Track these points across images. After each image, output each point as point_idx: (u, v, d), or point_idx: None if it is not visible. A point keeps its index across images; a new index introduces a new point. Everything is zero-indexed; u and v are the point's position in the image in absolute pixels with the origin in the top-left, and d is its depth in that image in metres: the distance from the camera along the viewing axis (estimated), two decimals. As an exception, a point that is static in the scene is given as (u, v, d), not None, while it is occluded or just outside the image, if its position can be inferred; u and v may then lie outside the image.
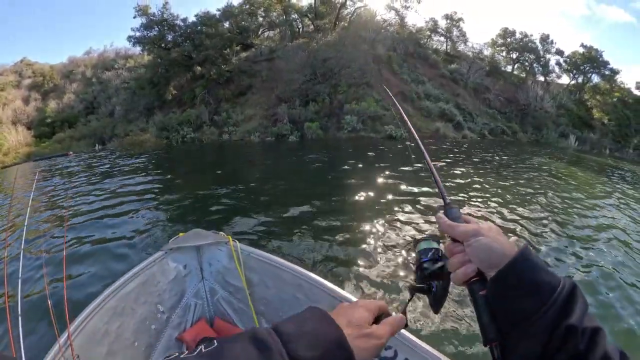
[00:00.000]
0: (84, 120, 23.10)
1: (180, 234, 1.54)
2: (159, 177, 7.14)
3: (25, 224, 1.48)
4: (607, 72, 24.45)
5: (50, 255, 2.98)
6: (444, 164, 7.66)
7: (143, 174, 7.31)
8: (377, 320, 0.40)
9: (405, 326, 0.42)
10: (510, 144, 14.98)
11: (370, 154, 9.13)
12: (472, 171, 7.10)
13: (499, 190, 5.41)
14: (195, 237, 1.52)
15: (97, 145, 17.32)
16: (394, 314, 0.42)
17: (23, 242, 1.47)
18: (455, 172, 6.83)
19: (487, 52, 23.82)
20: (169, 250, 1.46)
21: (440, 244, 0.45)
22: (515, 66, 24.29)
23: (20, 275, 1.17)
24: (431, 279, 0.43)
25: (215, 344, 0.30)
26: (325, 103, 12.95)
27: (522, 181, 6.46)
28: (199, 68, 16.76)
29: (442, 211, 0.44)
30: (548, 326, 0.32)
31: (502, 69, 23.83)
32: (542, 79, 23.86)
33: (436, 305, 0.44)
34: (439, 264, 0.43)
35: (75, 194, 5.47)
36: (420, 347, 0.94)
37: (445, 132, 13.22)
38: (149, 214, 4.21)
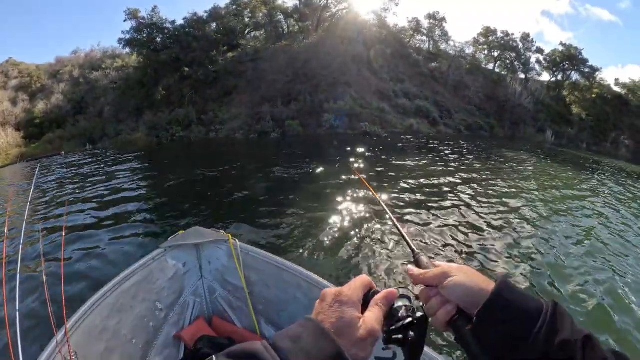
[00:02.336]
0: (73, 120, 23.88)
1: (180, 232, 1.56)
2: (153, 174, 7.33)
3: (25, 218, 1.49)
4: (586, 70, 25.99)
5: (48, 251, 3.01)
6: (412, 160, 8.56)
7: (137, 171, 7.49)
8: (365, 298, 0.39)
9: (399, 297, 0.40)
10: (485, 138, 16.31)
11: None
12: (428, 163, 8.11)
13: (450, 178, 6.27)
14: (195, 235, 1.54)
15: (88, 145, 18.18)
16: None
17: (22, 236, 1.43)
18: (409, 163, 7.90)
19: (469, 50, 25.28)
20: (168, 248, 1.48)
21: (411, 300, 0.44)
22: (497, 64, 25.75)
23: (18, 270, 1.19)
24: (407, 330, 0.41)
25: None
26: (306, 102, 14.15)
27: (473, 172, 7.41)
28: (186, 69, 17.83)
29: (411, 265, 0.47)
30: (541, 347, 0.34)
31: (483, 66, 25.27)
32: (522, 76, 25.35)
33: (413, 357, 0.41)
34: (416, 315, 0.41)
35: (73, 191, 5.58)
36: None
37: (419, 128, 14.50)
38: (147, 211, 4.32)
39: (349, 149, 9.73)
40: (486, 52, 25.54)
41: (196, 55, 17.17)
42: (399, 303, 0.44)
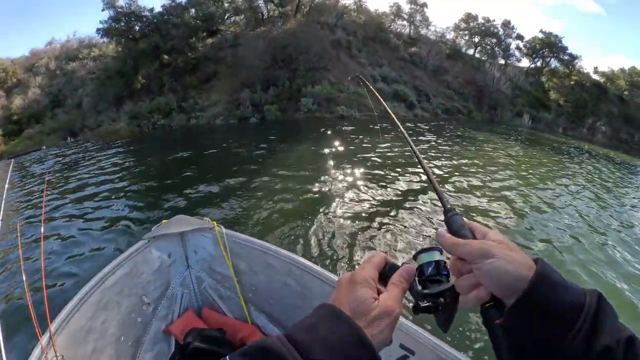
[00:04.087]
0: (51, 114, 23.61)
1: (164, 221, 1.51)
2: (135, 164, 7.26)
3: (0, 218, 1.46)
4: (565, 57, 27.05)
5: (27, 249, 2.88)
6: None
7: (118, 162, 7.42)
8: (382, 276, 0.38)
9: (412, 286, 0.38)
10: (461, 121, 17.12)
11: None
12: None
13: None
14: (178, 224, 1.50)
15: (69, 138, 18.17)
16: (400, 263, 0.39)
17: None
18: (382, 143, 8.47)
19: (449, 35, 25.99)
20: (151, 239, 1.43)
21: (444, 255, 0.40)
22: (477, 49, 26.57)
23: None
24: (437, 297, 0.38)
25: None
26: (285, 87, 14.57)
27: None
28: (166, 57, 17.93)
29: (443, 224, 0.41)
30: (579, 350, 0.29)
31: (464, 51, 26.05)
32: (502, 62, 26.25)
33: (445, 324, 0.39)
34: (445, 280, 0.38)
35: (52, 186, 5.38)
36: (415, 332, 0.91)
37: (396, 111, 15.16)
38: (129, 201, 4.25)
39: (326, 131, 10.35)
40: (467, 37, 26.29)
41: (175, 43, 17.25)
42: (427, 258, 0.39)
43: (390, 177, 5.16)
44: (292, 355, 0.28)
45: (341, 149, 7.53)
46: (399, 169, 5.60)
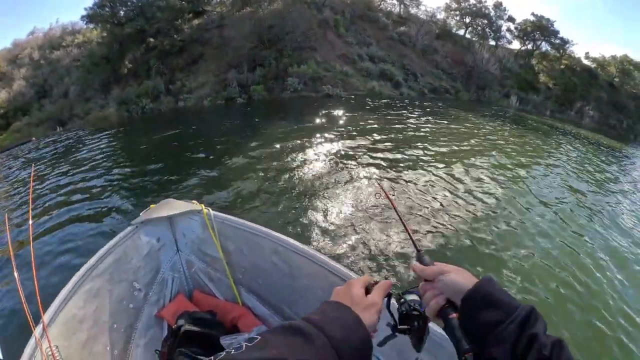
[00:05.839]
0: (38, 105, 23.49)
1: (152, 206, 1.51)
2: (124, 149, 7.28)
3: None
4: (557, 41, 27.19)
5: (16, 242, 2.89)
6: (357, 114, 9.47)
7: (108, 148, 7.44)
8: (367, 290, 0.54)
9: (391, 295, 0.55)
10: (448, 100, 17.51)
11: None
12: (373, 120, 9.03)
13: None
14: (166, 208, 1.50)
15: (58, 127, 18.25)
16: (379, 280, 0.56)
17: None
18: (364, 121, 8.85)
19: (440, 15, 26.07)
20: (140, 224, 1.44)
21: (420, 296, 0.55)
22: (468, 30, 26.69)
23: None
24: (412, 321, 0.53)
25: (259, 337, 0.37)
26: (271, 67, 14.75)
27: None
28: (152, 40, 17.94)
29: (415, 262, 0.58)
30: (513, 334, 0.40)
31: (454, 32, 26.19)
32: (493, 43, 26.45)
33: (417, 345, 0.53)
34: (420, 309, 0.53)
35: (40, 177, 5.38)
36: None
37: (381, 90, 15.46)
38: (118, 186, 4.31)
39: (311, 109, 10.69)
40: (458, 18, 26.38)
41: (161, 26, 17.22)
42: (410, 297, 0.56)
43: (373, 155, 5.42)
44: (313, 330, 0.40)
45: (325, 126, 7.82)
46: (382, 147, 5.89)
